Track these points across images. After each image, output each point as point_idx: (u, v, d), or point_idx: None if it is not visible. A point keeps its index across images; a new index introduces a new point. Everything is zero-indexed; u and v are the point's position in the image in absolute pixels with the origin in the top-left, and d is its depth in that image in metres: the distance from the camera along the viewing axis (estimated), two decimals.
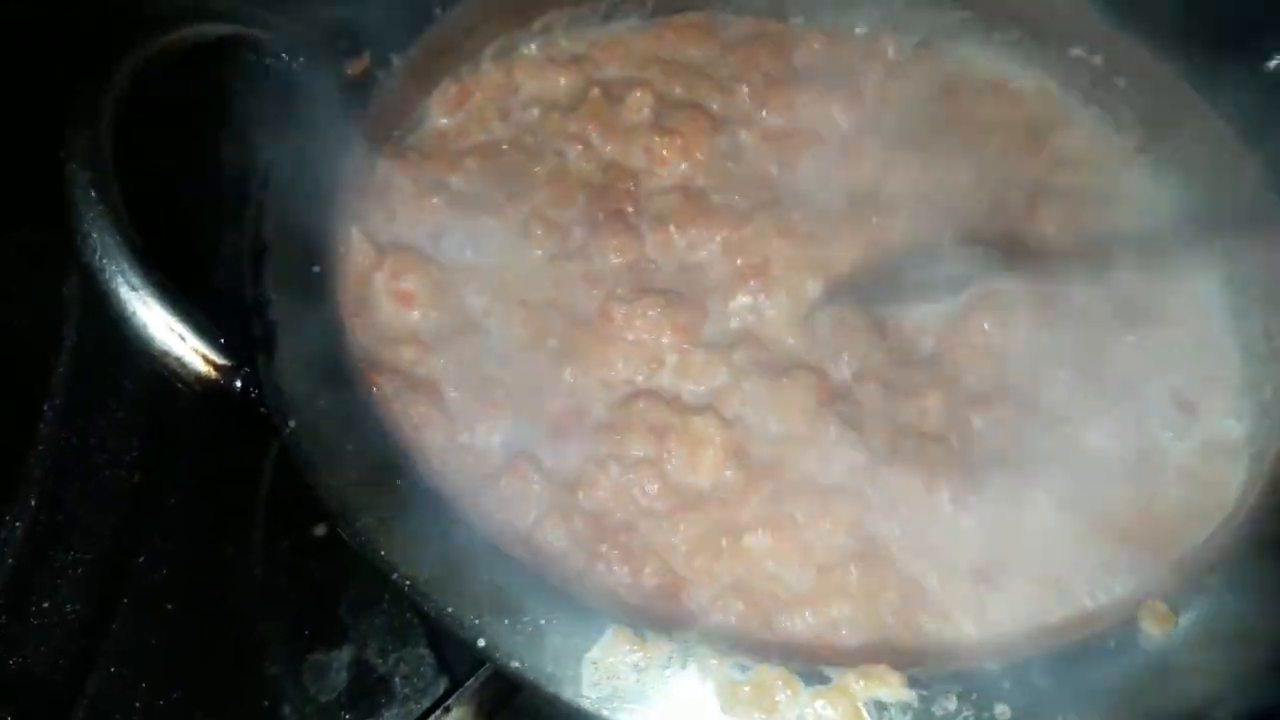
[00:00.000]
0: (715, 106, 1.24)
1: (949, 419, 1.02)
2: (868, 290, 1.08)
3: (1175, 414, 1.05)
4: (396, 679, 1.13)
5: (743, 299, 1.10)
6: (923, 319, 1.09)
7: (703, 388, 1.05)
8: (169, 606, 1.18)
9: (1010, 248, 1.06)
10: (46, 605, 1.13)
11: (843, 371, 1.06)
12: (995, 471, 0.98)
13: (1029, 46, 1.28)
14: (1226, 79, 1.12)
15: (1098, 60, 1.23)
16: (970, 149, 1.20)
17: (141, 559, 1.21)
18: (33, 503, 1.17)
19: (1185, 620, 0.79)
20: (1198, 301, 1.12)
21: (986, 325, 1.07)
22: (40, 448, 1.20)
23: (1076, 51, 1.24)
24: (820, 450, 1.00)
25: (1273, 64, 1.14)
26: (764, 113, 1.24)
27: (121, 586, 1.19)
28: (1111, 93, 1.22)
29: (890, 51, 1.30)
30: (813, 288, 1.10)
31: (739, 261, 1.12)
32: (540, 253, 1.12)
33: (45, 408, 1.22)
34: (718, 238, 1.13)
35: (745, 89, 1.25)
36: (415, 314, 1.06)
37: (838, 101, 1.24)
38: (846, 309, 1.07)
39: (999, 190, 1.17)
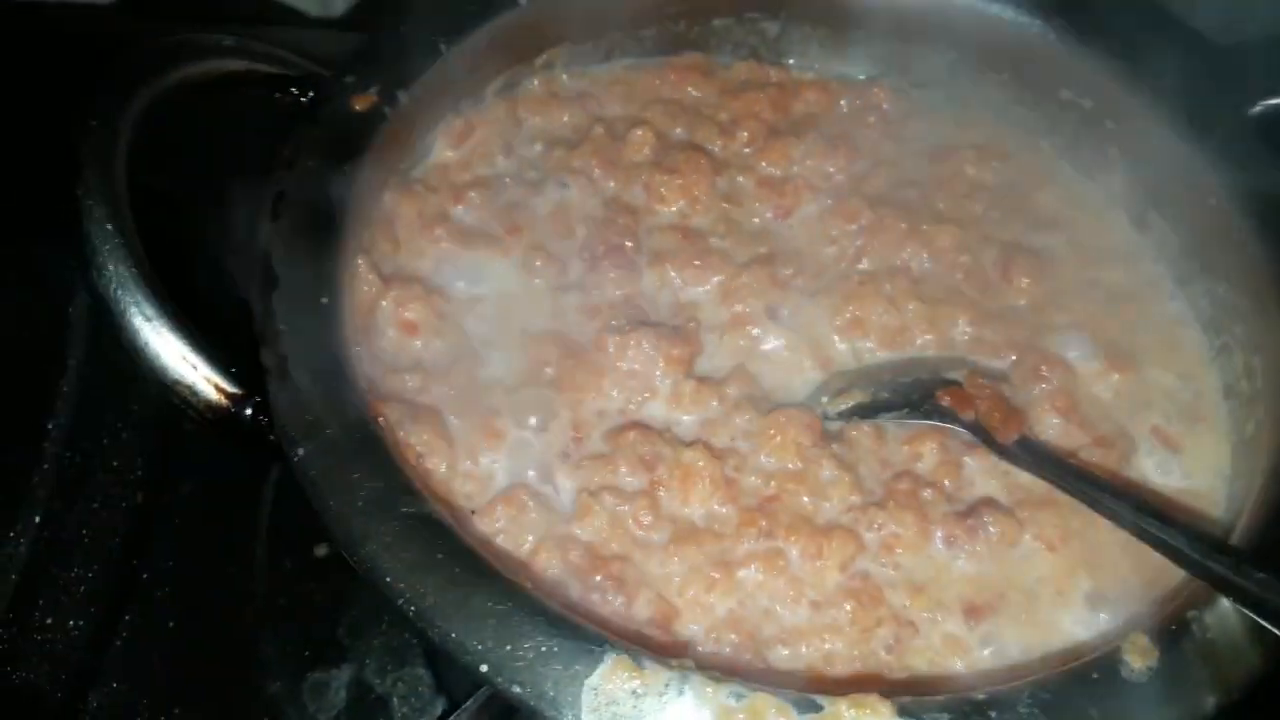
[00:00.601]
0: (716, 149, 1.27)
1: (943, 462, 1.04)
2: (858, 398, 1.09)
3: (1159, 450, 1.07)
4: (395, 699, 1.14)
5: (740, 341, 1.12)
6: None
7: (694, 419, 1.07)
8: (171, 624, 1.19)
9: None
10: (50, 621, 1.14)
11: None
12: (987, 513, 1.00)
13: (1019, 88, 1.30)
14: (1212, 124, 1.15)
15: (1087, 103, 1.25)
16: (955, 209, 1.23)
17: (144, 577, 1.21)
18: (37, 520, 1.17)
19: (1166, 653, 0.81)
20: (1180, 342, 1.15)
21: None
22: (45, 466, 1.21)
23: (1066, 94, 1.27)
24: (813, 488, 1.02)
25: (1257, 109, 1.16)
26: (763, 163, 1.26)
27: (124, 604, 1.19)
28: (1099, 136, 1.25)
29: (886, 105, 1.34)
30: (809, 365, 1.12)
31: (738, 307, 1.14)
32: (540, 283, 1.15)
33: (50, 426, 1.23)
34: (714, 279, 1.16)
35: (744, 134, 1.28)
36: (418, 343, 1.08)
37: (833, 158, 1.27)
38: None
39: (978, 252, 1.19)
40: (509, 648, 0.78)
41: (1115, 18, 1.23)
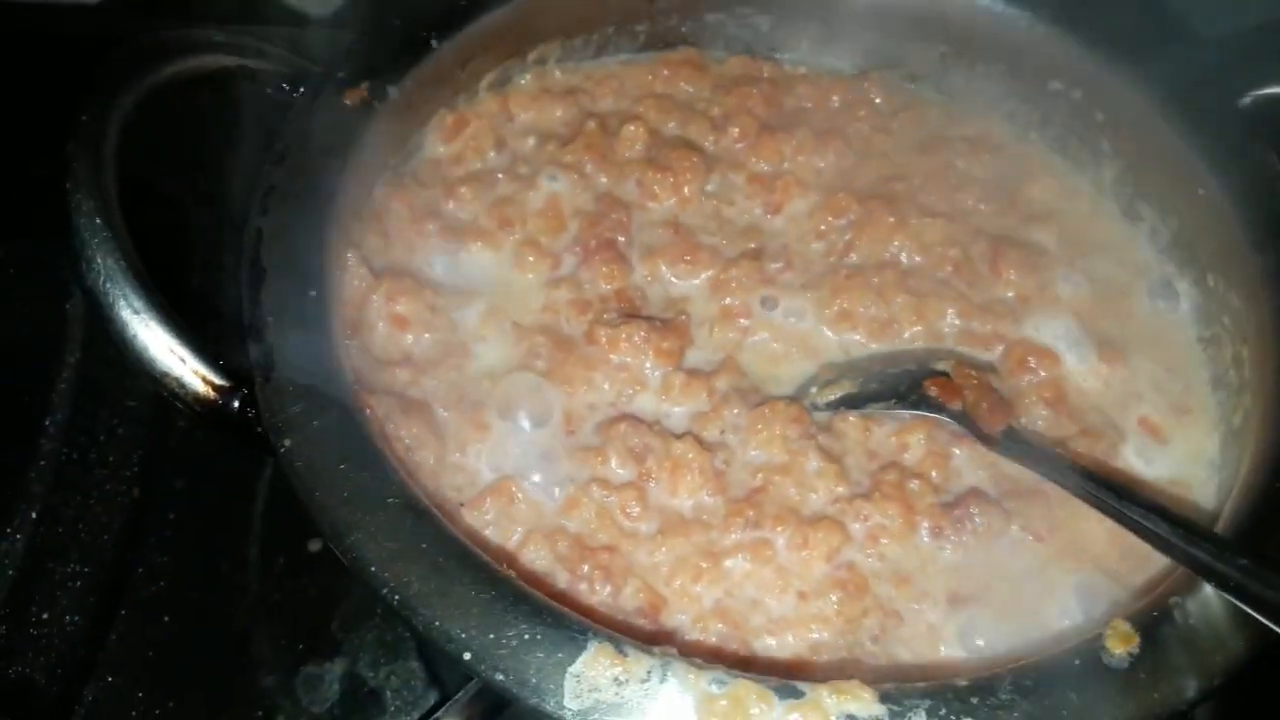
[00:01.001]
0: (708, 145, 1.27)
1: (930, 453, 1.04)
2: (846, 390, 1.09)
3: (1146, 442, 1.08)
4: (388, 691, 1.15)
5: (729, 334, 1.13)
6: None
7: (684, 411, 1.07)
8: (166, 618, 1.20)
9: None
10: (46, 616, 1.15)
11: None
12: (973, 504, 1.00)
13: (1010, 81, 1.30)
14: (1202, 115, 1.15)
15: (1076, 95, 1.25)
16: (945, 203, 1.23)
17: (140, 571, 1.22)
18: (33, 515, 1.19)
19: (1148, 639, 0.81)
20: (1169, 332, 1.15)
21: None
22: (41, 462, 1.22)
23: (1055, 85, 1.27)
24: (800, 480, 1.02)
25: (1247, 100, 1.16)
26: (754, 159, 1.26)
27: (119, 598, 1.20)
28: (1089, 127, 1.25)
29: (877, 98, 1.34)
30: (798, 358, 1.13)
31: (727, 300, 1.14)
32: (532, 278, 1.15)
33: (47, 422, 1.24)
34: (704, 274, 1.16)
35: (736, 130, 1.28)
36: (408, 337, 1.08)
37: (824, 152, 1.27)
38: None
39: (967, 245, 1.20)
40: (492, 636, 0.78)
41: (1105, 9, 1.23)
